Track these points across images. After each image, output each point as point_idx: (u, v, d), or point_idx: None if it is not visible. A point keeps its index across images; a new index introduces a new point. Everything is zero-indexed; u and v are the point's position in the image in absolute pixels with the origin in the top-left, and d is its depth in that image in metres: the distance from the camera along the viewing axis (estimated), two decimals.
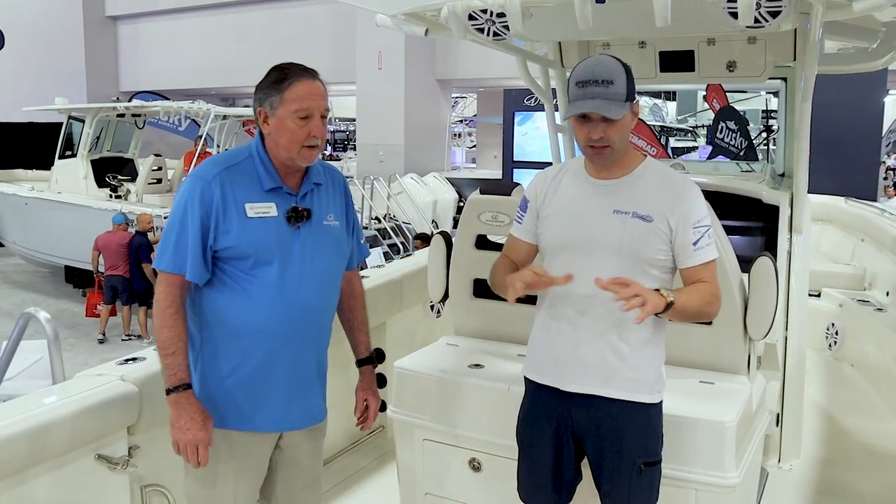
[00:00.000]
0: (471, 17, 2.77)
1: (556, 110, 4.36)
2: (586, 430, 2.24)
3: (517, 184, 2.95)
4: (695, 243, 2.16)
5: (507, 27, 2.75)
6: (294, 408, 2.29)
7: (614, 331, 2.19)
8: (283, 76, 2.19)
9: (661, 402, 2.26)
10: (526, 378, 2.37)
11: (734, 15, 2.46)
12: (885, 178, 17.77)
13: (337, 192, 2.39)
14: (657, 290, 2.06)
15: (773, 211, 3.54)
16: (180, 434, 2.14)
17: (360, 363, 2.56)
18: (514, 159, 15.20)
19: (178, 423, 2.14)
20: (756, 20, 2.45)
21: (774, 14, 2.44)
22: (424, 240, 9.71)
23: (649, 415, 2.23)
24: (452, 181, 15.04)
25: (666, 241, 2.17)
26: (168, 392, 2.15)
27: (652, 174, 2.24)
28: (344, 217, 2.39)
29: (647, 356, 2.22)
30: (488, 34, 2.81)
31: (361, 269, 3.00)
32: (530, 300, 2.94)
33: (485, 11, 2.72)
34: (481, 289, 3.09)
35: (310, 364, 2.32)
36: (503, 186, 2.94)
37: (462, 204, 12.33)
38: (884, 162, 15.89)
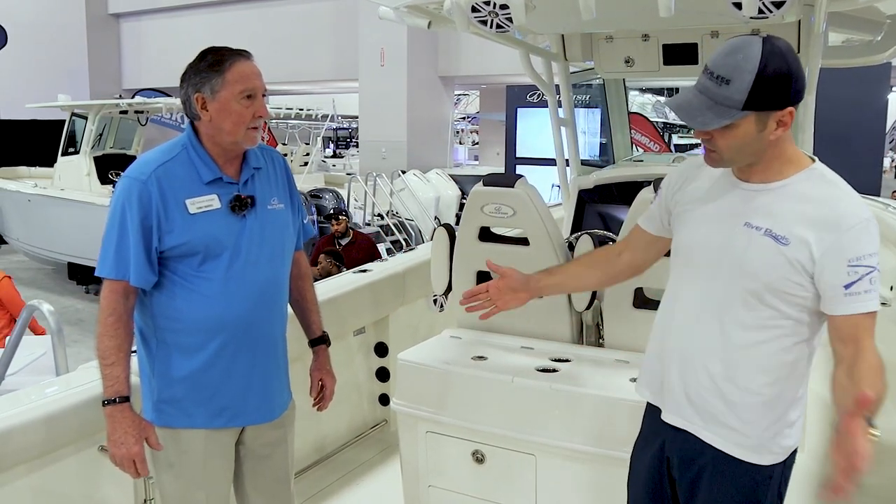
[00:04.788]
0: (474, 10, 2.76)
1: (560, 105, 4.36)
2: (677, 470, 1.97)
3: (521, 175, 2.95)
4: (847, 286, 1.70)
5: (510, 19, 2.75)
6: (255, 400, 2.26)
7: (720, 367, 1.85)
8: (220, 58, 2.12)
9: (779, 464, 1.88)
10: None
11: (738, 6, 2.45)
12: None
13: (278, 174, 2.33)
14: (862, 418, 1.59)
15: None
16: (115, 448, 2.10)
17: (313, 343, 2.54)
18: (517, 156, 15.20)
19: (113, 436, 2.10)
20: (760, 11, 2.44)
21: (779, 5, 2.43)
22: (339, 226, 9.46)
23: (752, 477, 1.86)
24: (455, 178, 15.03)
25: (803, 274, 1.74)
26: (104, 403, 2.10)
27: (810, 186, 1.78)
28: (288, 198, 2.34)
29: (761, 405, 1.83)
30: (491, 26, 2.81)
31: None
32: None
33: (488, 3, 2.71)
34: (484, 281, 3.08)
35: (270, 351, 2.29)
36: (507, 178, 2.94)
37: (465, 200, 12.33)
38: (892, 159, 15.63)
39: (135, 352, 2.24)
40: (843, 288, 1.71)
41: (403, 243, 12.10)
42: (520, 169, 14.34)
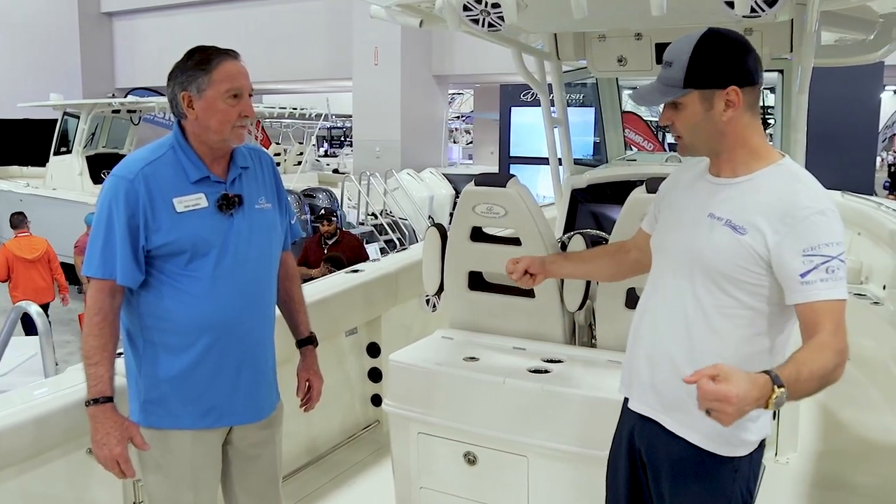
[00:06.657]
0: (465, 8, 2.75)
1: (553, 104, 4.34)
2: (646, 459, 2.01)
3: (512, 175, 2.94)
4: (803, 275, 1.71)
5: (501, 18, 2.73)
6: (242, 400, 2.24)
7: (683, 354, 1.88)
8: (206, 57, 2.11)
9: (744, 458, 1.88)
10: None
11: (730, 4, 2.44)
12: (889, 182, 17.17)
13: (266, 174, 2.33)
14: (766, 373, 1.56)
15: None
16: (98, 449, 2.08)
17: (301, 343, 2.53)
18: (511, 155, 15.19)
19: (96, 437, 2.08)
20: (752, 10, 2.43)
21: (771, 3, 2.42)
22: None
23: (715, 470, 1.88)
24: (449, 177, 15.03)
25: (759, 264, 1.78)
26: (87, 404, 2.08)
27: (773, 180, 1.83)
28: (276, 198, 2.33)
29: None
30: (483, 25, 2.79)
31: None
32: (526, 293, 2.94)
33: (479, 2, 2.70)
34: (476, 281, 3.08)
35: (257, 351, 2.27)
36: (498, 178, 2.93)
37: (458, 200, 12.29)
38: (882, 158, 15.64)
39: (121, 353, 2.22)
40: (799, 277, 1.72)
41: (397, 242, 12.09)
42: (513, 168, 14.34)
